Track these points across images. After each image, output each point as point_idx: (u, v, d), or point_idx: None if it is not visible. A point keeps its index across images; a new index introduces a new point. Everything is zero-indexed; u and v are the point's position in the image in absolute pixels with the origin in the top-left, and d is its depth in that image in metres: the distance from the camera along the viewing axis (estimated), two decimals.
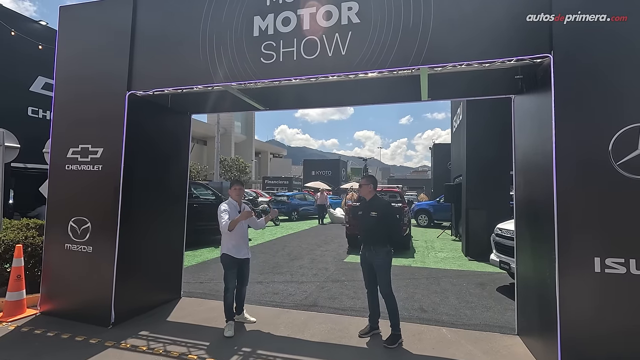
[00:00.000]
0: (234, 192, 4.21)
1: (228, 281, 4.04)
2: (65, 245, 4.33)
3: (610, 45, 2.88)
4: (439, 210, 16.35)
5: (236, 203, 4.20)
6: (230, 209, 4.07)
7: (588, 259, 2.82)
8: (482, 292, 5.71)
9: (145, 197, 4.56)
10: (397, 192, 11.24)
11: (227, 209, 4.04)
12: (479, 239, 8.50)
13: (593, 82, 2.90)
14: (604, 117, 2.87)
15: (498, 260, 5.69)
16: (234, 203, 4.18)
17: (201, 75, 4.02)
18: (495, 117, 8.68)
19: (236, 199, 4.21)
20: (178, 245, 5.24)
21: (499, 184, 8.70)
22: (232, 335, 3.87)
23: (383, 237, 3.81)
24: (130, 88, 4.24)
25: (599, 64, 2.90)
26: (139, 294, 4.46)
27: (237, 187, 4.24)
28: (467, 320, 4.48)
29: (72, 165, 4.40)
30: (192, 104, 5.31)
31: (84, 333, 3.86)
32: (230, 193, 4.25)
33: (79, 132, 4.41)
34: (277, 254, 8.96)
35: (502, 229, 5.75)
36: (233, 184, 4.29)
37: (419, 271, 7.19)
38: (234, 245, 4.07)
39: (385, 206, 3.90)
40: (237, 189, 4.23)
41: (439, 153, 25.25)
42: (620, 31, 2.86)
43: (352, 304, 5.06)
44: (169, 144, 5.08)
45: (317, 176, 39.35)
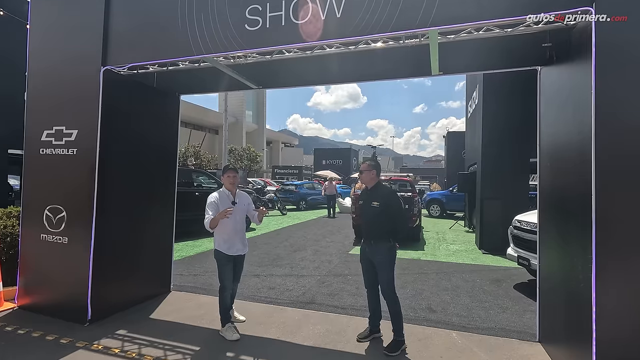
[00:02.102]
0: (227, 179, 3.73)
1: (223, 279, 3.62)
2: (40, 236, 4.01)
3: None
4: (452, 200, 15.73)
5: (229, 192, 3.73)
6: (220, 200, 3.61)
7: (634, 260, 2.30)
8: (498, 290, 5.20)
9: (126, 184, 4.19)
10: (408, 180, 10.67)
11: (216, 201, 3.57)
12: (494, 231, 7.94)
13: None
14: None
15: (516, 255, 5.17)
16: (226, 192, 3.72)
17: (181, 47, 3.57)
18: (514, 99, 8.03)
19: (229, 188, 3.74)
20: (167, 236, 4.88)
21: (517, 173, 8.09)
22: (239, 338, 3.47)
23: (386, 231, 3.33)
24: (105, 63, 3.82)
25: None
26: (120, 289, 4.13)
27: (230, 175, 3.73)
28: (481, 323, 4.00)
29: (46, 149, 4.04)
30: (180, 84, 4.89)
31: (57, 331, 3.54)
32: (223, 181, 3.79)
33: (53, 113, 4.04)
34: (279, 244, 8.60)
35: (521, 221, 5.20)
36: (226, 171, 3.78)
37: (429, 265, 6.71)
38: (224, 240, 3.64)
39: (388, 195, 3.41)
40: (230, 176, 3.73)
41: (454, 141, 24.46)
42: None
43: (353, 301, 4.64)
44: (155, 127, 4.67)
45: (327, 165, 38.81)
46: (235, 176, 3.78)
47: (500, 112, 8.25)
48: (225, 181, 3.74)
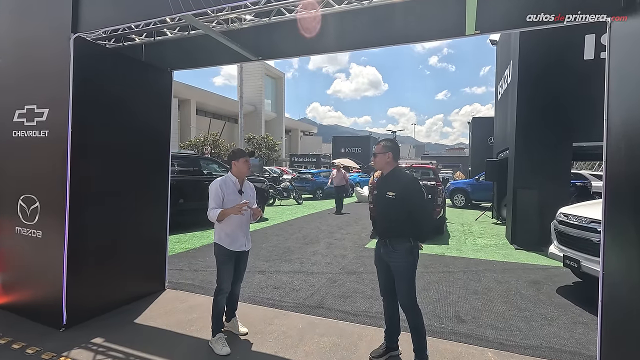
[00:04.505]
0: (242, 165, 3.10)
1: (221, 280, 3.09)
2: (15, 229, 3.58)
3: None
4: (478, 189, 14.74)
5: (236, 180, 3.13)
6: (225, 189, 3.05)
7: None
8: (538, 295, 4.46)
9: (109, 170, 3.69)
10: (431, 168, 9.85)
11: (220, 190, 3.02)
12: (529, 224, 7.10)
13: None
14: None
15: (561, 254, 4.38)
16: (233, 180, 3.12)
17: (157, 3, 2.97)
18: (554, 76, 7.04)
19: (239, 175, 3.14)
20: (159, 228, 4.38)
21: (556, 159, 7.15)
22: (229, 352, 2.92)
23: (404, 228, 2.68)
24: (76, 29, 3.27)
25: None
26: (103, 289, 3.66)
27: (247, 160, 3.12)
28: (522, 338, 3.31)
29: (18, 132, 3.57)
30: (172, 58, 4.33)
31: (27, 338, 3.11)
32: (234, 166, 3.14)
33: (24, 90, 3.55)
34: (291, 236, 8.05)
35: (569, 214, 4.39)
36: (241, 155, 3.12)
37: (455, 262, 6.00)
38: (227, 233, 3.09)
39: (408, 184, 2.73)
40: (248, 161, 3.13)
41: (479, 128, 23.12)
42: None
43: (367, 306, 4.02)
44: (145, 107, 4.14)
45: (346, 153, 37.93)
46: (247, 161, 3.15)
47: (537, 91, 7.28)
48: (237, 167, 3.11)
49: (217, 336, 3.05)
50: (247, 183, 3.27)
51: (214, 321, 3.09)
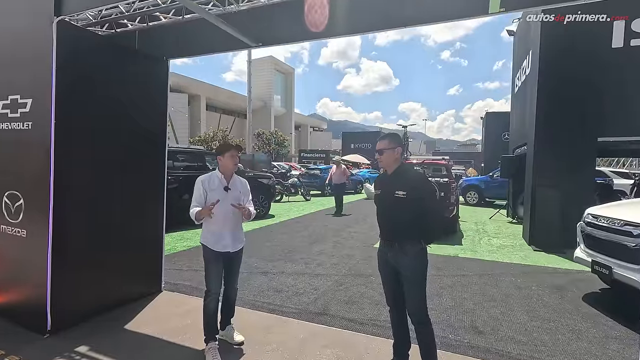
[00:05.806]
0: (228, 160, 2.88)
1: (208, 282, 2.87)
2: (0, 227, 3.38)
3: None
4: (492, 186, 14.22)
5: (221, 176, 2.90)
6: (209, 185, 2.84)
7: None
8: (562, 303, 4.08)
9: (99, 166, 3.45)
10: (444, 164, 9.46)
11: (202, 188, 2.82)
12: (549, 224, 6.68)
13: None
14: None
15: (589, 259, 3.99)
16: (219, 176, 2.90)
17: None
18: (577, 66, 6.56)
19: (225, 171, 2.91)
20: (155, 226, 4.14)
21: (579, 155, 6.69)
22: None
23: (415, 229, 2.37)
24: (59, 12, 3.01)
25: None
26: (92, 292, 3.43)
27: (233, 154, 2.89)
28: (548, 355, 2.95)
29: (2, 124, 3.35)
30: (168, 45, 4.05)
31: (8, 345, 2.90)
32: (221, 161, 2.91)
33: (8, 80, 3.33)
34: (297, 234, 7.78)
35: (598, 215, 3.99)
36: (227, 149, 2.89)
37: (469, 264, 5.63)
38: (211, 232, 2.89)
39: (418, 182, 2.43)
40: (234, 155, 2.90)
41: (493, 123, 22.55)
42: None
43: (375, 313, 3.72)
44: (139, 98, 3.88)
45: (356, 149, 37.44)
46: (235, 156, 2.91)
47: (559, 82, 6.80)
48: (224, 162, 2.89)
49: (209, 346, 2.80)
50: (238, 179, 3.00)
51: (205, 328, 2.86)
